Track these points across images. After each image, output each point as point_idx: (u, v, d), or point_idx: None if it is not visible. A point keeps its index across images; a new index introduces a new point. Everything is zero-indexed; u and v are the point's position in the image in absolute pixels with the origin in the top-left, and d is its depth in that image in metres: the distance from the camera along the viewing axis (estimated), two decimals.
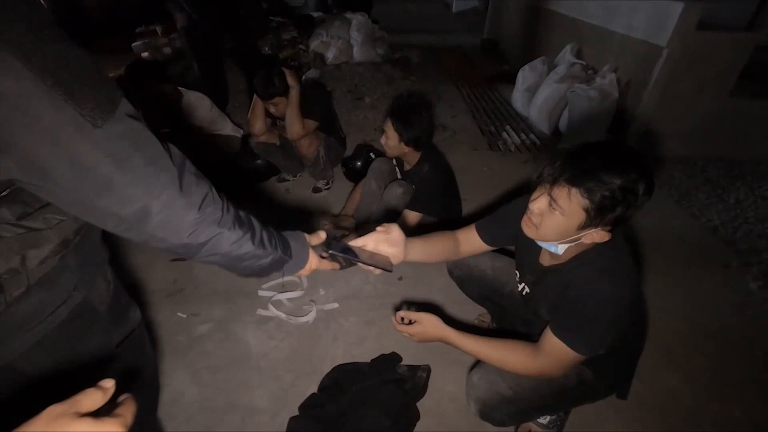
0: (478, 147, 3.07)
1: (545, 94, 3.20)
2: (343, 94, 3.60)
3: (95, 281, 0.66)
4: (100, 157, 0.43)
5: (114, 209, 0.46)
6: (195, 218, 0.52)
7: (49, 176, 0.42)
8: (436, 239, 1.08)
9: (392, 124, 1.63)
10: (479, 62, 5.33)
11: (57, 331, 0.60)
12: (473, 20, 8.18)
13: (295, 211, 2.24)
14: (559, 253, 0.90)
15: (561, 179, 0.79)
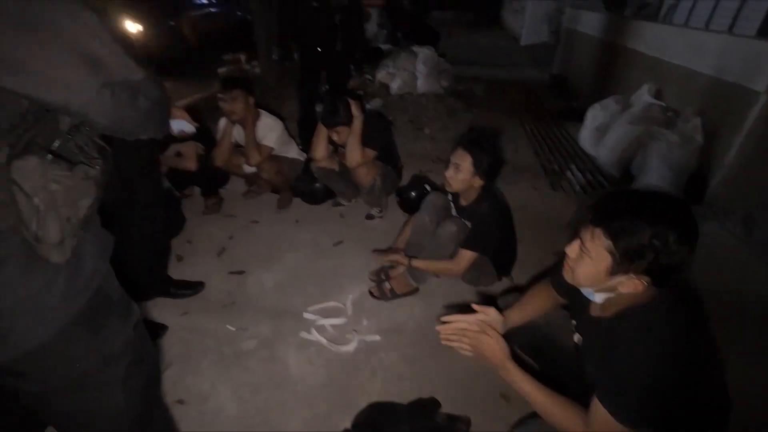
0: (539, 185, 2.94)
1: (617, 135, 3.01)
2: (404, 124, 3.68)
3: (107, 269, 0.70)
4: None
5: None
6: None
7: None
8: (530, 305, 1.15)
9: (469, 155, 1.59)
10: (546, 98, 5.20)
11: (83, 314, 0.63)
12: (542, 55, 8.04)
13: (346, 235, 2.27)
14: (598, 302, 0.89)
15: (587, 220, 0.81)
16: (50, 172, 0.51)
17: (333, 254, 2.15)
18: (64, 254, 0.55)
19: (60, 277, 0.58)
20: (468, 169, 1.59)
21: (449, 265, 1.68)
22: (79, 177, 0.55)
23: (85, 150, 0.58)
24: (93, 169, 0.58)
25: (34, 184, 0.50)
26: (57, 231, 0.53)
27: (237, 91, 2.14)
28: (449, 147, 3.45)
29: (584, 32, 5.34)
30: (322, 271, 2.01)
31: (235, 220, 2.40)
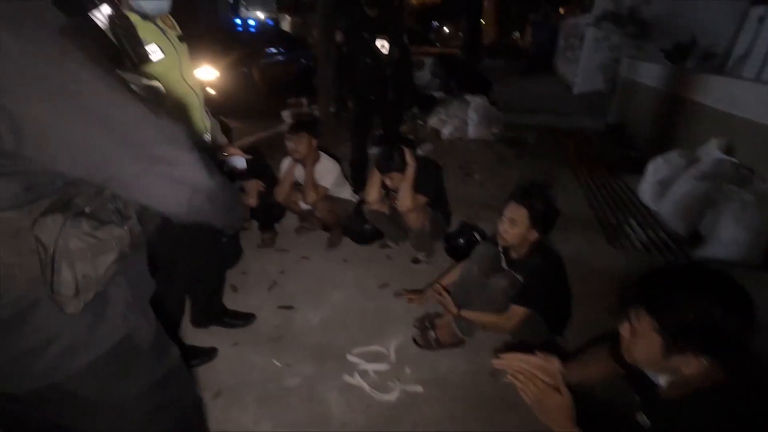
0: (594, 239, 2.81)
1: (683, 191, 2.84)
2: (453, 169, 3.73)
3: (141, 312, 0.73)
4: None
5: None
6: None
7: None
8: (592, 366, 1.11)
9: (524, 208, 1.58)
10: (601, 147, 5.06)
11: (103, 359, 0.65)
12: (596, 103, 7.92)
13: (392, 278, 2.29)
14: (662, 384, 0.86)
15: (632, 298, 0.82)
16: (71, 229, 0.54)
17: (378, 296, 2.16)
18: (78, 307, 0.58)
19: (83, 322, 0.62)
20: (524, 223, 1.57)
21: (499, 320, 1.63)
22: (101, 236, 0.57)
23: (122, 212, 0.62)
24: (120, 229, 0.60)
25: (51, 238, 0.53)
26: (71, 285, 0.55)
27: (303, 132, 2.33)
28: (499, 194, 3.43)
29: (643, 83, 5.23)
30: (366, 313, 2.02)
31: (287, 255, 2.51)
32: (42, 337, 0.59)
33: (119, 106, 0.51)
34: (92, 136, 0.50)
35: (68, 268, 0.54)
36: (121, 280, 0.66)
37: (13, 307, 0.56)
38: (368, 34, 2.75)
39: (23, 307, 0.57)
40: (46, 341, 0.60)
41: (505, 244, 1.67)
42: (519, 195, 1.63)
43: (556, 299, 1.67)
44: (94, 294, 0.59)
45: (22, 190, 0.52)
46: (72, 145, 0.50)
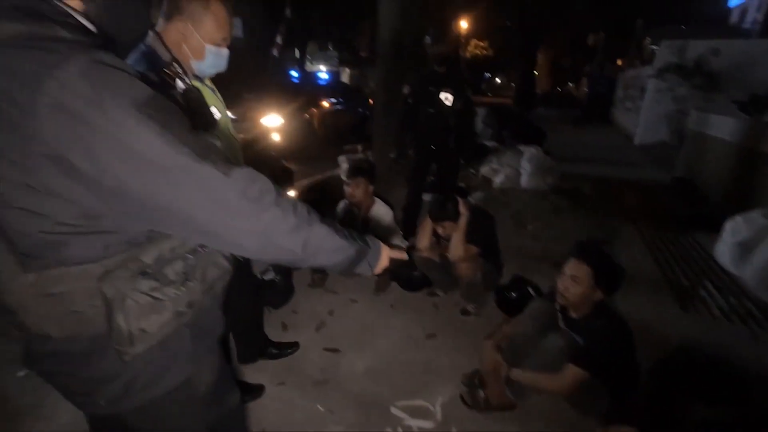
0: (663, 302, 2.57)
1: None
2: (505, 220, 3.66)
3: (204, 359, 0.77)
4: None
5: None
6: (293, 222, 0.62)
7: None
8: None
9: (589, 267, 1.49)
10: (668, 202, 4.74)
11: (163, 399, 0.69)
12: (660, 155, 7.52)
13: (440, 329, 2.23)
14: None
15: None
16: (130, 287, 0.59)
17: (425, 347, 2.10)
18: (133, 355, 0.62)
19: (145, 365, 0.66)
20: (587, 281, 1.48)
21: (552, 381, 1.51)
22: (157, 296, 0.61)
23: (188, 274, 0.66)
24: (178, 291, 0.64)
25: (112, 293, 0.58)
26: (125, 337, 0.60)
27: (361, 178, 2.44)
28: (554, 246, 3.29)
29: (716, 135, 4.92)
30: (412, 364, 1.97)
31: (336, 296, 2.55)
32: (108, 372, 0.65)
33: (192, 171, 0.54)
34: (169, 199, 0.55)
35: (123, 321, 0.59)
36: (185, 332, 0.70)
37: (87, 342, 0.63)
38: (434, 87, 2.92)
39: (95, 344, 0.63)
40: (112, 376, 0.65)
41: (565, 303, 1.58)
42: (581, 251, 1.55)
43: (619, 366, 1.52)
44: (150, 346, 0.63)
45: (101, 247, 0.58)
46: (154, 209, 0.55)
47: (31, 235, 0.54)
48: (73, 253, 0.56)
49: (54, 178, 0.50)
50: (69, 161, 0.49)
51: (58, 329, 0.60)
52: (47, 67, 0.47)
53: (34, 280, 0.56)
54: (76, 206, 0.53)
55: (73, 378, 0.66)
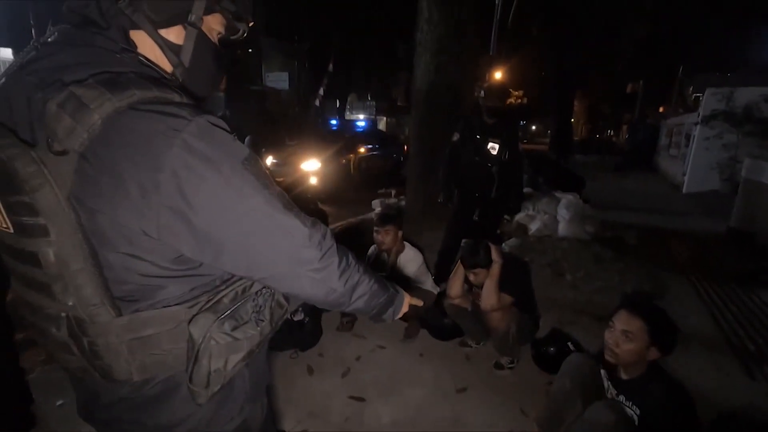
0: (726, 367, 2.30)
1: None
2: (541, 267, 3.51)
3: (258, 401, 0.77)
4: None
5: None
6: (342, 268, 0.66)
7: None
8: None
9: (644, 323, 1.35)
10: (724, 254, 4.38)
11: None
12: (711, 204, 7.07)
13: (471, 382, 2.10)
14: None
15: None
16: (216, 328, 0.61)
17: (455, 401, 1.98)
18: (206, 398, 0.63)
19: (210, 407, 0.67)
20: (642, 338, 1.33)
21: None
22: (237, 336, 0.63)
23: (260, 311, 0.69)
24: (254, 331, 0.66)
25: (200, 335, 0.60)
26: (204, 378, 0.61)
27: (390, 225, 2.47)
28: (595, 298, 3.10)
29: None
30: (441, 419, 1.85)
31: (363, 341, 2.50)
32: (176, 417, 0.66)
33: (281, 221, 0.59)
34: (256, 245, 0.59)
35: (206, 362, 0.61)
36: (245, 372, 0.72)
37: (160, 387, 0.65)
38: (481, 136, 2.99)
39: (167, 389, 0.65)
40: (178, 421, 0.67)
41: (615, 362, 1.43)
42: (633, 303, 1.42)
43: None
44: (221, 386, 0.65)
45: (188, 290, 0.62)
46: (242, 253, 0.59)
47: (130, 280, 0.57)
48: (164, 296, 0.60)
49: (169, 227, 0.54)
50: (185, 213, 0.53)
51: (140, 372, 0.61)
52: (174, 128, 0.52)
53: (127, 323, 0.59)
54: (177, 252, 0.57)
55: (137, 426, 0.66)
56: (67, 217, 0.52)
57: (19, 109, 0.53)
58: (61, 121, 0.49)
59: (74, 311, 0.57)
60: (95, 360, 0.60)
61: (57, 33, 0.59)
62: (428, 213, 4.67)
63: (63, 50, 0.56)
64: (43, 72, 0.54)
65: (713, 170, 8.16)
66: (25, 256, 0.56)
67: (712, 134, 8.11)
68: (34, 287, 0.59)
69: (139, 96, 0.52)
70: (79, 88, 0.50)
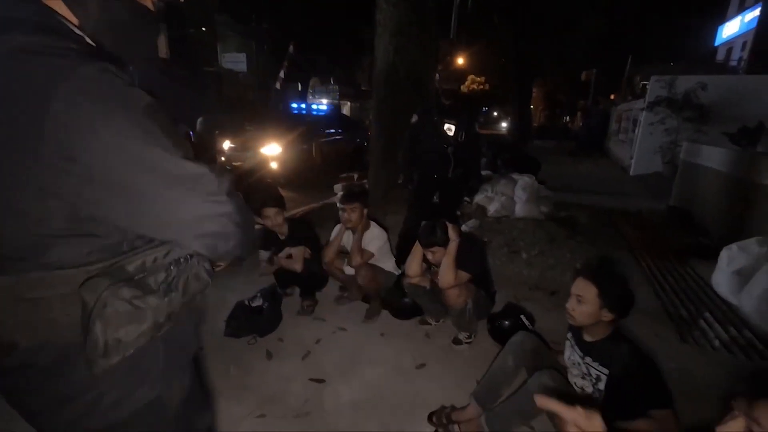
0: (664, 334, 2.49)
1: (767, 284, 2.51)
2: (498, 247, 3.62)
3: (176, 375, 0.74)
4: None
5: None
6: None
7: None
8: None
9: (594, 286, 1.41)
10: (664, 231, 4.72)
11: (131, 418, 0.67)
12: (655, 185, 7.59)
13: (430, 358, 2.15)
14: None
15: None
16: (111, 294, 0.58)
17: (414, 377, 2.02)
18: (104, 368, 0.60)
19: (114, 381, 0.64)
20: (594, 301, 1.39)
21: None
22: (138, 305, 0.60)
23: (170, 284, 0.66)
24: (159, 301, 0.63)
25: (92, 299, 0.57)
26: (100, 347, 0.58)
27: (356, 203, 2.44)
28: (548, 274, 3.24)
29: (708, 166, 4.97)
30: (400, 395, 1.88)
31: (324, 324, 2.48)
32: (74, 388, 0.63)
33: (187, 168, 0.58)
34: (156, 196, 0.57)
35: (101, 329, 0.57)
36: (159, 345, 0.68)
37: (54, 355, 0.61)
38: (438, 118, 3.00)
39: (62, 358, 0.61)
40: (78, 392, 0.63)
41: (574, 324, 1.50)
42: (587, 271, 1.48)
43: (655, 397, 1.34)
44: (123, 357, 0.61)
45: (85, 252, 0.59)
46: (141, 202, 0.57)
47: (17, 237, 0.55)
48: (56, 257, 0.56)
49: (61, 178, 0.51)
50: (78, 161, 0.51)
51: (28, 337, 0.58)
52: (61, 72, 0.49)
53: (12, 283, 0.56)
54: (71, 208, 0.54)
55: (35, 395, 0.63)
56: None
57: None
58: None
59: None
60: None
61: None
62: (390, 196, 4.66)
63: None
64: None
65: (656, 154, 8.71)
66: None
67: (656, 120, 8.62)
68: None
69: (21, 40, 0.50)
70: None
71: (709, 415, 1.73)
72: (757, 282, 2.64)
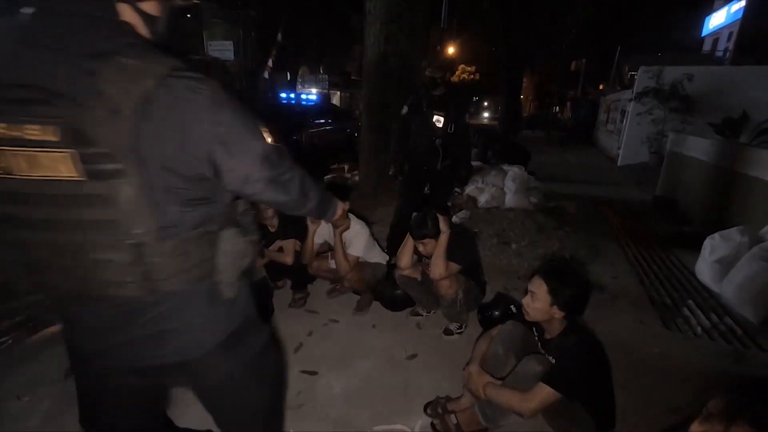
0: (647, 320, 2.56)
1: (748, 273, 2.59)
2: (489, 237, 3.66)
3: (252, 300, 0.96)
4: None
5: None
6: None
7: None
8: None
9: (545, 284, 1.49)
10: (650, 220, 4.82)
11: (227, 339, 0.86)
12: (642, 175, 7.71)
13: (421, 348, 2.18)
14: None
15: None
16: (237, 238, 0.81)
17: (405, 368, 2.05)
18: (233, 292, 0.83)
19: (226, 309, 0.85)
20: (544, 298, 1.47)
21: (521, 400, 1.42)
22: (248, 242, 0.84)
23: (253, 223, 0.89)
24: (255, 237, 0.87)
25: (228, 247, 0.79)
26: (234, 276, 0.81)
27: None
28: (536, 264, 3.29)
29: (693, 156, 5.07)
30: (392, 386, 1.91)
31: (316, 316, 2.49)
32: (206, 314, 0.82)
33: (259, 139, 0.78)
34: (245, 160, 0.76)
35: (233, 264, 0.81)
36: (244, 279, 0.88)
37: (195, 290, 0.78)
38: (427, 109, 2.97)
39: (200, 291, 0.79)
40: (208, 318, 0.82)
41: (528, 319, 1.58)
42: (543, 270, 1.55)
43: (595, 387, 1.48)
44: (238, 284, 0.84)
45: (213, 214, 0.78)
46: (237, 168, 0.75)
47: (172, 210, 0.70)
48: (194, 220, 0.74)
49: (203, 168, 0.71)
50: (213, 156, 0.71)
51: (182, 282, 0.75)
52: (202, 89, 0.68)
53: (173, 246, 0.72)
54: (204, 186, 0.74)
55: (178, 326, 0.79)
56: (133, 162, 0.63)
57: (63, 76, 0.60)
58: (118, 86, 0.59)
59: (139, 238, 0.68)
60: (149, 278, 0.71)
61: (44, 1, 0.64)
62: (381, 187, 4.66)
63: (76, 20, 0.63)
64: (68, 42, 0.61)
65: (644, 144, 8.84)
66: (93, 200, 0.64)
67: (643, 110, 8.73)
68: (98, 227, 0.67)
69: (172, 62, 0.64)
70: (127, 59, 0.61)
71: (690, 398, 1.79)
72: (737, 270, 2.71)
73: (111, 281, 0.70)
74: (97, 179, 0.63)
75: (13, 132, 0.60)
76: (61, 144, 0.60)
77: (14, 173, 0.62)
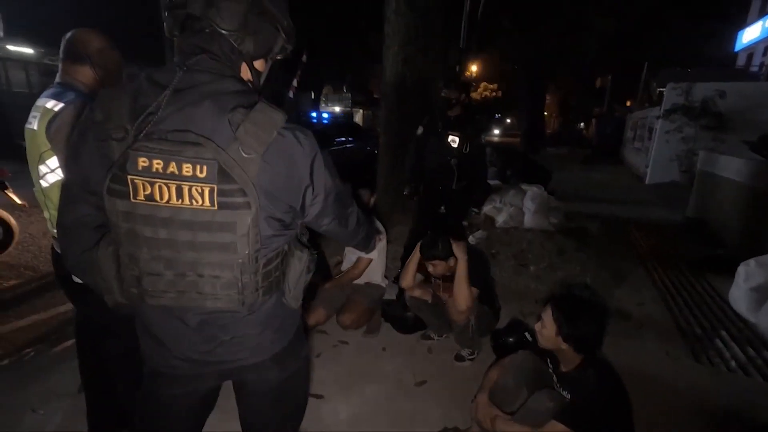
0: (674, 352, 2.41)
1: None
2: (506, 259, 3.57)
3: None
4: None
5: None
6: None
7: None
8: None
9: (551, 313, 1.46)
10: (680, 242, 4.58)
11: (290, 343, 0.98)
12: (671, 195, 7.39)
13: (431, 375, 2.11)
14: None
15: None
16: (302, 256, 0.91)
17: (414, 395, 1.99)
18: (297, 303, 0.94)
19: (290, 317, 0.97)
20: (551, 326, 1.44)
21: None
22: (310, 259, 0.93)
23: (309, 243, 1.00)
24: (315, 255, 0.95)
25: (296, 264, 0.90)
26: (300, 290, 0.92)
27: None
28: (556, 288, 3.17)
29: (727, 177, 4.82)
30: (399, 414, 1.85)
31: (326, 338, 2.47)
32: (279, 321, 0.93)
33: (347, 189, 0.97)
34: (334, 203, 0.92)
35: (300, 278, 0.92)
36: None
37: (271, 301, 0.90)
38: (443, 129, 2.97)
39: (275, 303, 0.91)
40: (281, 324, 0.94)
41: (541, 347, 1.53)
42: (557, 300, 1.50)
43: (613, 426, 1.39)
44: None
45: (289, 240, 0.91)
46: (325, 206, 0.90)
47: (267, 236, 0.82)
48: (276, 245, 0.86)
49: (295, 202, 0.84)
50: (305, 193, 0.85)
51: (263, 294, 0.86)
52: (303, 140, 0.82)
53: (261, 265, 0.83)
54: (290, 216, 0.86)
55: (259, 331, 0.91)
56: (255, 196, 0.76)
57: (210, 125, 0.75)
58: (252, 136, 0.74)
59: (244, 258, 0.79)
60: (241, 293, 0.82)
61: (196, 61, 0.79)
62: (398, 206, 4.65)
63: (216, 79, 0.79)
64: (215, 96, 0.77)
65: (673, 162, 8.51)
66: (218, 226, 0.76)
67: (672, 127, 8.44)
68: (216, 248, 0.78)
69: (283, 117, 0.78)
70: (257, 113, 0.75)
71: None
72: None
73: (211, 294, 0.81)
74: (227, 209, 0.75)
75: (170, 168, 0.72)
76: (207, 179, 0.73)
77: (156, 200, 0.74)
